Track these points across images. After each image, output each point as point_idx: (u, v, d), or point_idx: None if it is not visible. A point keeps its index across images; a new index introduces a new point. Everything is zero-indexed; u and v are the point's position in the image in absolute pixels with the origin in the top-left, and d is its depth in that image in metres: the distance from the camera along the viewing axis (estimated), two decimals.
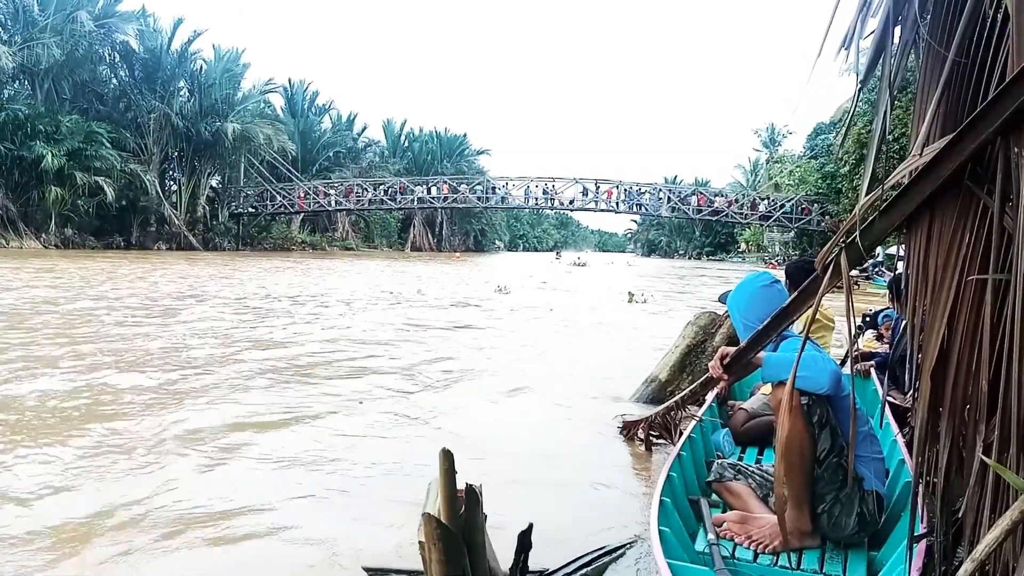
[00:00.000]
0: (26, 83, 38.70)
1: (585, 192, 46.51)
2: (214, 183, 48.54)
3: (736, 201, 47.00)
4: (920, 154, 1.85)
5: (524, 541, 2.16)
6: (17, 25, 37.63)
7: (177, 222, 43.08)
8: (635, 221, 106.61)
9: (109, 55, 42.63)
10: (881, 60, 1.92)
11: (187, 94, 45.15)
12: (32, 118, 35.82)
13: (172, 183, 46.68)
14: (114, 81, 43.99)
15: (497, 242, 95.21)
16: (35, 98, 37.82)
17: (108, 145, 37.98)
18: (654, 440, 4.38)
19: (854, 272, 2.10)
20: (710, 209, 46.50)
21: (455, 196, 50.03)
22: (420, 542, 1.83)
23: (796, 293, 2.36)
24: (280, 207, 49.54)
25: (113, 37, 41.11)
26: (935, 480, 1.98)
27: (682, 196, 47.66)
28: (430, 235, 71.93)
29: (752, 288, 2.93)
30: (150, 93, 42.32)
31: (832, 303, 3.09)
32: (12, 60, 35.20)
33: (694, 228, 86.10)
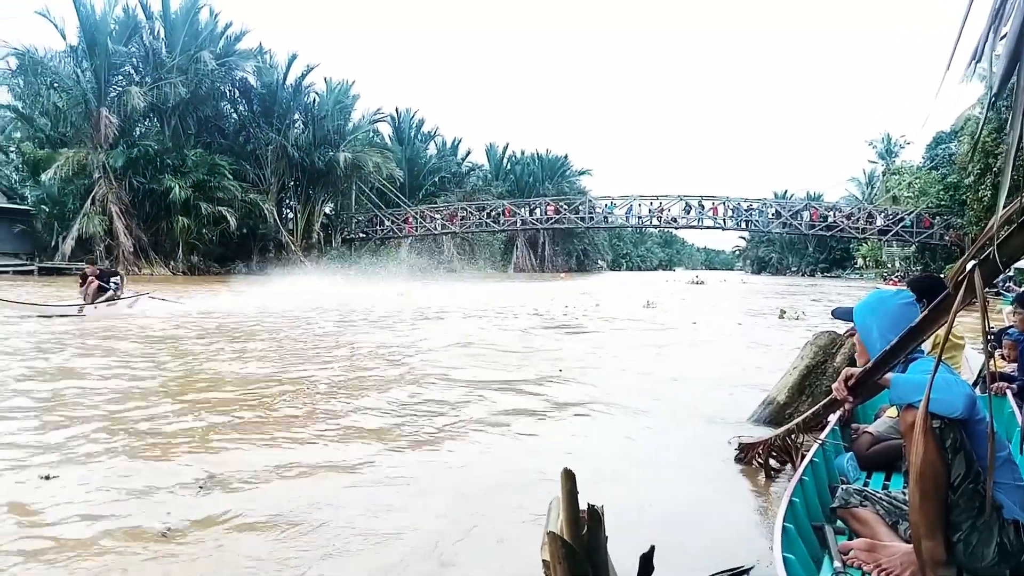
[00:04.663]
0: (156, 120, 41.76)
1: (688, 209, 45.79)
2: (327, 210, 50.66)
3: (852, 215, 45.13)
4: None
5: (646, 564, 2.15)
6: (148, 67, 40.73)
7: (294, 248, 45.12)
8: (743, 238, 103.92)
9: (229, 91, 45.52)
10: (1016, 70, 1.84)
11: (301, 126, 47.50)
12: (161, 153, 38.68)
13: (288, 211, 49.02)
14: (234, 116, 46.88)
15: (600, 262, 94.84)
16: (163, 134, 40.70)
17: (230, 176, 40.44)
18: (774, 464, 4.26)
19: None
20: (824, 224, 44.85)
21: (558, 217, 50.24)
22: (544, 560, 1.86)
23: (927, 311, 2.27)
24: (389, 232, 51.17)
25: (233, 74, 43.88)
26: None
27: (793, 211, 46.17)
28: (533, 256, 72.49)
29: (892, 305, 2.78)
30: (267, 126, 44.78)
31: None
32: (143, 100, 38.04)
33: (807, 244, 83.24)
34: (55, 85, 38.71)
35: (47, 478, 3.89)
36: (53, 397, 6.13)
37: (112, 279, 14.95)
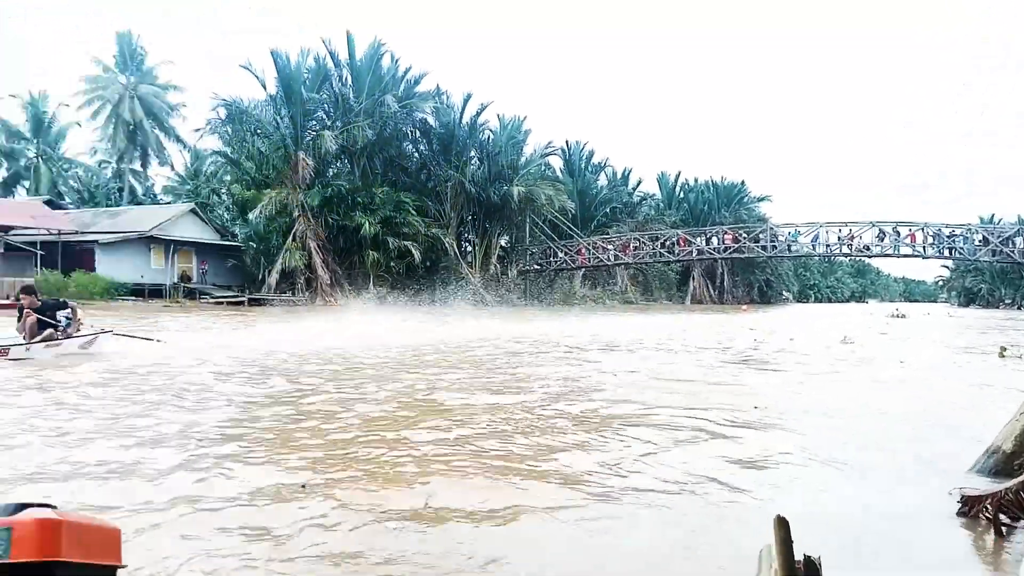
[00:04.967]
0: (346, 161, 45.04)
1: (882, 236, 42.68)
2: (503, 242, 52.09)
3: None
4: None
5: None
6: (337, 112, 44.15)
7: (474, 280, 46.61)
8: (947, 267, 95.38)
9: (411, 132, 48.13)
10: None
11: (477, 162, 49.39)
12: (352, 192, 41.68)
13: (467, 244, 50.95)
14: (416, 155, 49.52)
15: (784, 293, 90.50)
16: (353, 174, 43.78)
17: (413, 212, 42.76)
18: (1005, 520, 3.73)
19: None
20: None
21: (737, 246, 48.60)
22: None
23: None
24: (562, 263, 51.73)
25: (414, 116, 46.40)
26: None
27: (1004, 237, 41.71)
28: (711, 287, 70.48)
29: None
30: (446, 163, 46.96)
31: None
32: (335, 143, 41.18)
33: (1022, 273, 75.08)
34: (258, 131, 43.16)
35: (303, 487, 4.33)
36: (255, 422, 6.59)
37: (60, 312, 11.41)
